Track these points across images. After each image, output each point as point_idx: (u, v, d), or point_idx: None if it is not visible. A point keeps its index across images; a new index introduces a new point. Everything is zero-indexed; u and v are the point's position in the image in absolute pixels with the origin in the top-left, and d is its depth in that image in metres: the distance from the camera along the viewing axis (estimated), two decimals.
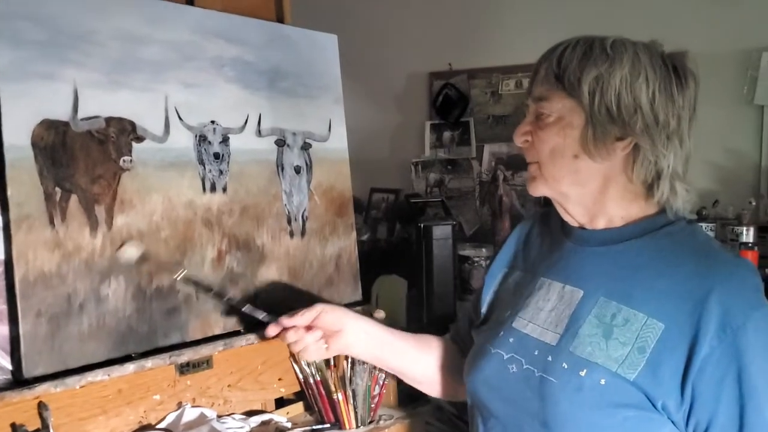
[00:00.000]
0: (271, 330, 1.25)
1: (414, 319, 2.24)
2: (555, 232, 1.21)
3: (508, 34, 2.99)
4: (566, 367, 1.02)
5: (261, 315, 1.27)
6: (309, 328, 1.24)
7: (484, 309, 1.27)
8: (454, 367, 1.30)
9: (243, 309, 1.29)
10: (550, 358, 1.05)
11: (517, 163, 2.96)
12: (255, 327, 1.41)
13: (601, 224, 1.11)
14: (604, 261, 1.09)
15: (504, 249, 1.31)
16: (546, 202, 1.22)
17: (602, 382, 0.99)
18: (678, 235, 1.07)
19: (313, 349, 1.26)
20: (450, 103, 3.13)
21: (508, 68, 3.01)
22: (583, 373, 1.00)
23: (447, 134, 3.19)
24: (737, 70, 2.44)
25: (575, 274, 1.11)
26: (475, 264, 2.12)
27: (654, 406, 0.98)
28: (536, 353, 1.07)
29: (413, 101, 3.28)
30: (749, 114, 2.46)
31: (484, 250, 2.17)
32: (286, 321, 1.24)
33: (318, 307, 1.25)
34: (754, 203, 2.14)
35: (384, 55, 3.22)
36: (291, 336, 1.24)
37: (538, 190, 1.11)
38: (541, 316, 1.11)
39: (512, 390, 1.08)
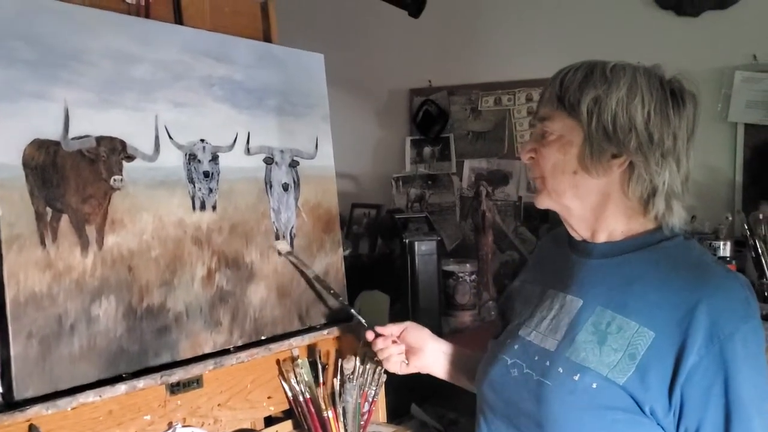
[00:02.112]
0: (369, 335, 1.41)
1: None
2: (564, 246, 1.28)
3: (488, 52, 3.04)
4: (561, 371, 1.09)
5: (364, 320, 1.46)
6: (395, 341, 1.39)
7: (502, 321, 1.37)
8: None
9: (352, 311, 1.49)
10: (548, 363, 1.12)
11: (498, 179, 3.00)
12: (244, 346, 1.44)
13: (602, 238, 1.17)
14: (603, 272, 1.15)
15: (525, 267, 1.43)
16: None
17: (594, 385, 1.05)
18: (674, 249, 1.13)
19: (394, 361, 1.40)
20: (430, 119, 3.17)
21: (487, 85, 3.06)
22: (576, 377, 1.07)
23: (427, 150, 3.23)
24: (711, 88, 2.50)
25: (576, 284, 1.18)
26: (460, 279, 2.13)
27: (642, 410, 1.03)
28: (536, 358, 1.14)
29: (394, 117, 3.31)
30: (723, 131, 2.52)
31: (468, 265, 2.19)
32: (379, 328, 1.40)
33: (406, 324, 1.42)
34: (730, 218, 2.19)
35: (365, 71, 3.25)
36: (380, 343, 1.39)
37: (543, 202, 1.19)
38: (543, 324, 1.18)
39: (512, 392, 1.16)
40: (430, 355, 1.41)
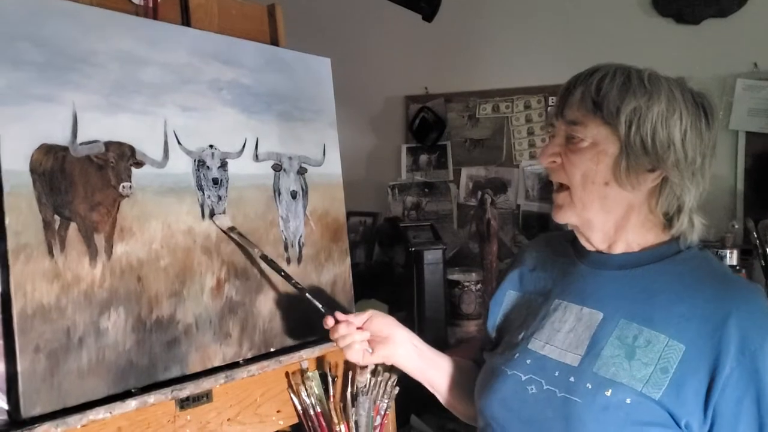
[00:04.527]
0: (329, 320, 1.27)
1: None
2: (566, 254, 1.23)
3: (485, 59, 3.01)
4: (590, 387, 1.04)
5: (320, 305, 1.31)
6: (359, 329, 1.26)
7: (493, 333, 1.30)
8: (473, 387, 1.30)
9: (306, 295, 1.33)
10: (572, 379, 1.06)
11: (496, 187, 2.98)
12: (254, 359, 1.40)
13: (619, 249, 1.14)
14: (622, 284, 1.11)
15: (509, 275, 1.33)
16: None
17: (628, 401, 1.01)
18: (693, 261, 1.10)
19: (357, 349, 1.26)
20: (427, 127, 3.14)
21: (485, 92, 3.03)
22: (608, 393, 1.02)
23: (424, 157, 3.20)
24: (713, 96, 2.49)
25: (593, 296, 1.13)
26: (465, 288, 2.10)
27: (678, 424, 1.00)
28: (557, 374, 1.09)
29: (390, 124, 3.28)
30: (725, 139, 2.51)
31: (473, 274, 2.15)
32: (340, 315, 1.26)
33: (370, 312, 1.29)
34: (737, 226, 2.18)
35: (361, 78, 3.21)
36: (342, 329, 1.25)
37: (566, 217, 1.14)
38: (558, 337, 1.13)
39: (532, 411, 1.09)
40: (398, 343, 1.27)
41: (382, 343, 1.26)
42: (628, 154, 1.05)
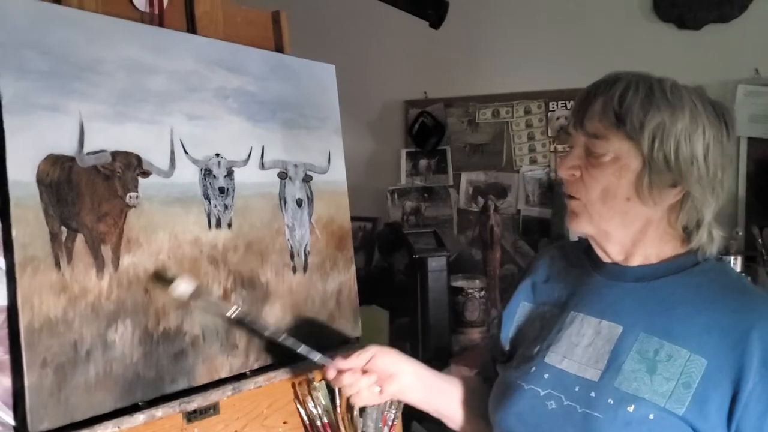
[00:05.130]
0: (330, 372, 1.21)
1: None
2: (581, 265, 1.21)
3: (486, 63, 3.01)
4: (612, 402, 1.02)
5: (316, 357, 1.24)
6: (364, 371, 1.20)
7: (506, 346, 1.27)
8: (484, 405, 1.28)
9: (298, 350, 1.24)
10: (593, 394, 1.04)
11: (496, 192, 2.97)
12: (260, 370, 1.38)
13: (636, 261, 1.12)
14: (641, 296, 1.09)
15: (522, 285, 1.30)
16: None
17: (651, 416, 1.00)
18: (711, 272, 1.08)
19: (366, 394, 1.21)
20: (426, 131, 3.13)
21: (485, 97, 3.02)
22: (631, 409, 1.00)
23: (423, 162, 3.18)
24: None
25: (611, 308, 1.11)
26: (469, 296, 2.08)
27: None
28: (577, 389, 1.06)
29: (389, 129, 3.26)
30: None
31: (477, 281, 2.14)
32: (342, 363, 1.20)
33: (372, 349, 1.22)
34: (741, 233, 2.17)
35: (359, 82, 3.18)
36: (347, 378, 1.19)
37: (582, 226, 1.11)
38: (577, 351, 1.10)
39: (551, 426, 1.07)
40: (405, 378, 1.23)
41: (388, 380, 1.22)
42: (651, 169, 1.03)
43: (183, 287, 1.19)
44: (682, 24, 2.58)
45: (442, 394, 1.28)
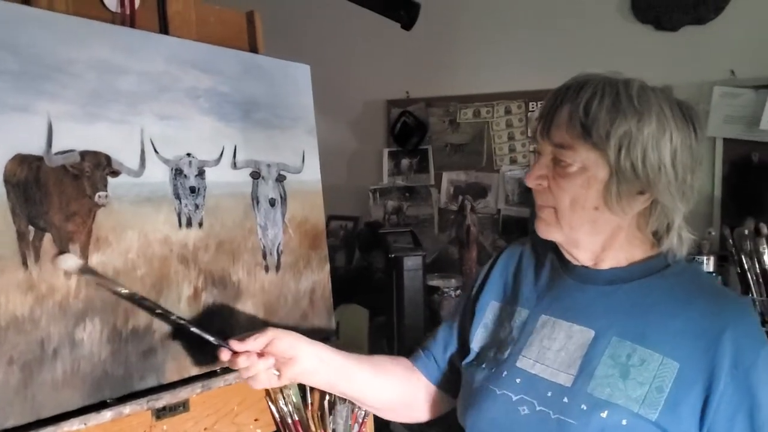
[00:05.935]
0: (224, 354, 1.17)
1: (377, 348, 2.21)
2: (551, 266, 1.21)
3: (466, 63, 3.03)
4: (585, 408, 1.02)
5: (211, 337, 1.20)
6: (261, 354, 1.17)
7: (475, 346, 1.25)
8: (410, 391, 1.29)
9: (192, 329, 1.22)
10: (566, 400, 1.04)
11: (476, 192, 2.99)
12: (230, 370, 1.37)
13: (606, 265, 1.12)
14: (612, 300, 1.09)
15: (491, 280, 1.29)
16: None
17: (624, 422, 1.00)
18: (684, 274, 1.09)
19: (263, 378, 1.19)
20: (408, 131, 3.15)
21: (466, 97, 3.04)
22: (604, 415, 1.00)
23: (405, 162, 3.20)
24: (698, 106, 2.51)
25: (582, 313, 1.11)
26: (445, 294, 2.10)
27: None
28: (549, 395, 1.06)
29: (371, 128, 3.28)
30: (702, 146, 2.53)
31: (453, 280, 2.16)
32: (236, 345, 1.16)
33: (270, 333, 1.18)
34: (714, 233, 2.20)
35: (341, 82, 3.21)
36: (242, 362, 1.15)
37: (551, 234, 1.11)
38: (548, 356, 1.10)
39: None
40: (305, 362, 1.20)
41: (288, 364, 1.19)
42: (618, 179, 1.02)
43: (72, 260, 1.15)
44: (659, 25, 2.61)
45: (346, 378, 1.25)
